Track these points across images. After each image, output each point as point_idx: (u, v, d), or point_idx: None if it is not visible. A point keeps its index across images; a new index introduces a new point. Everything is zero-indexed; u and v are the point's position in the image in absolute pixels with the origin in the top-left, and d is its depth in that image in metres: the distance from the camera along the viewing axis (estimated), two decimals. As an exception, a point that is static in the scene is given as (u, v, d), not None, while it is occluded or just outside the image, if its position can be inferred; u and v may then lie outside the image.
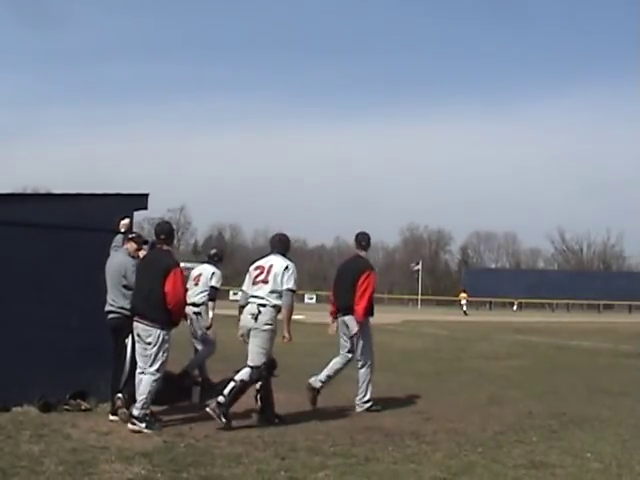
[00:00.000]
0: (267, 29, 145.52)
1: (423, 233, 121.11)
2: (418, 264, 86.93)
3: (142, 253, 9.72)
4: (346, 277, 10.72)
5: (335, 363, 10.68)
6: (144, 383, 8.70)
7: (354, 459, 7.31)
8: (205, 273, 12.28)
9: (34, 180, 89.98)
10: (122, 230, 9.78)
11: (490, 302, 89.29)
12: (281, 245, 9.69)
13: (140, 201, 10.61)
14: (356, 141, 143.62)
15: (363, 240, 11.03)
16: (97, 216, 10.00)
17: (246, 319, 9.18)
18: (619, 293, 77.75)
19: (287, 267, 9.28)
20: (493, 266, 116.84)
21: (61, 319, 9.50)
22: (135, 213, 10.40)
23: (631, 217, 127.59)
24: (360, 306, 10.37)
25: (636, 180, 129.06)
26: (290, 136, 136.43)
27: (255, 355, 9.12)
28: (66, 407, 9.43)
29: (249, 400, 9.32)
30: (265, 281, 9.23)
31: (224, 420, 8.76)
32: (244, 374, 9.06)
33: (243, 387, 9.07)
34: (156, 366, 8.74)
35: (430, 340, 25.36)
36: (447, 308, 73.01)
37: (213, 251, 12.76)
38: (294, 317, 9.45)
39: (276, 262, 9.36)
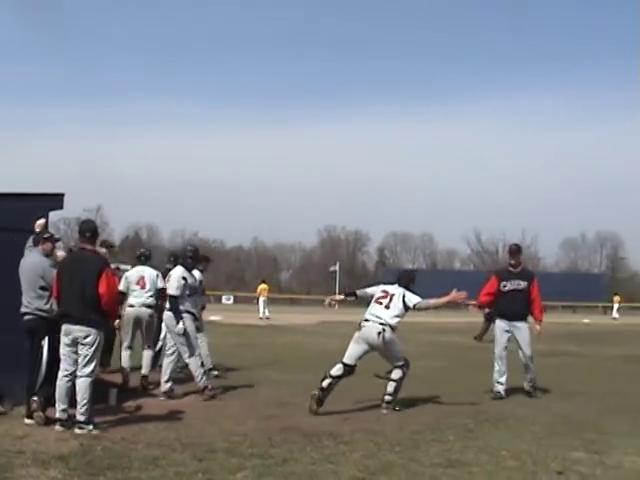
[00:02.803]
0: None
1: (340, 234, 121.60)
2: (336, 265, 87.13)
3: (60, 254, 9.62)
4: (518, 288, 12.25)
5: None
6: (83, 387, 8.62)
7: (272, 460, 7.32)
8: (148, 275, 12.46)
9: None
10: (37, 230, 9.63)
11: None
12: (406, 281, 11.19)
13: (56, 201, 10.48)
14: (274, 141, 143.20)
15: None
16: (12, 216, 9.83)
17: (371, 336, 10.74)
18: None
19: (404, 294, 10.87)
20: (410, 267, 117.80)
21: (-25, 321, 9.35)
22: (51, 213, 10.25)
23: (546, 218, 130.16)
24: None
25: (550, 181, 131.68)
26: (204, 136, 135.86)
27: (397, 357, 10.81)
28: (-20, 411, 9.27)
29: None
30: (387, 307, 10.80)
31: (390, 408, 10.58)
32: (398, 373, 10.73)
33: (401, 383, 10.77)
34: (91, 367, 8.69)
35: (347, 341, 25.34)
36: (364, 309, 73.22)
37: (141, 250, 13.09)
38: (212, 318, 9.49)
39: (397, 292, 10.90)
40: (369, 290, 11.39)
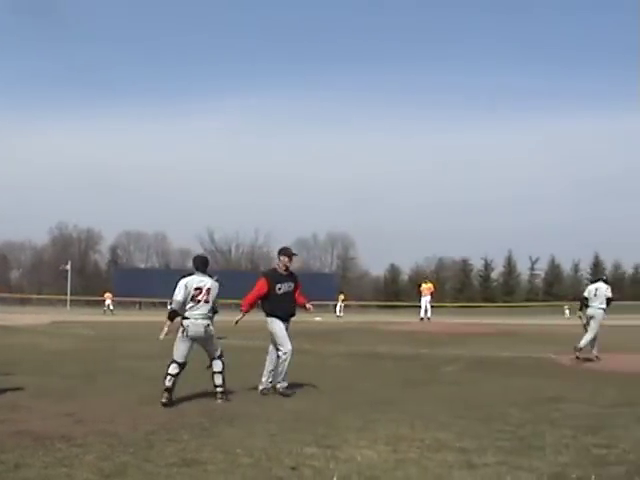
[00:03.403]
0: None
1: (72, 232, 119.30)
2: (67, 264, 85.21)
3: None
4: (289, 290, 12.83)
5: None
6: None
7: (3, 466, 7.03)
8: None
9: None
10: None
11: (140, 302, 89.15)
12: (206, 266, 12.12)
13: None
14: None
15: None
16: None
17: (199, 331, 11.56)
18: (265, 292, 79.63)
19: (217, 287, 11.97)
20: (143, 266, 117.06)
21: None
22: None
23: (278, 218, 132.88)
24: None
25: (283, 181, 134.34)
26: None
27: (216, 349, 11.82)
28: None
29: None
30: (207, 301, 11.66)
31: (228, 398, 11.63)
32: (220, 365, 11.77)
33: (225, 371, 11.76)
34: None
35: (80, 341, 24.98)
36: (97, 308, 72.08)
37: None
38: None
39: (210, 285, 11.80)
40: (180, 297, 11.58)
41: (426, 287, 41.76)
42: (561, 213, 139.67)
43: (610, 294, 19.00)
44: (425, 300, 41.02)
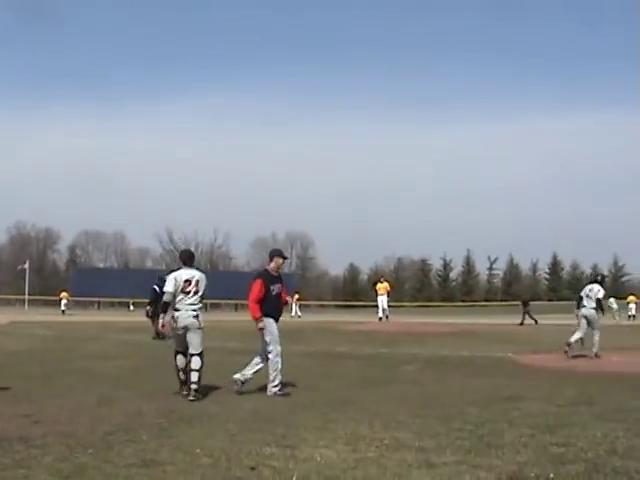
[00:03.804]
0: None
1: (31, 231, 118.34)
2: (25, 263, 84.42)
3: None
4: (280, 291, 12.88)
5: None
6: None
7: (-41, 468, 6.98)
8: None
9: None
10: None
11: (98, 302, 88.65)
12: (192, 260, 12.74)
13: None
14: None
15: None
16: None
17: (189, 321, 12.09)
18: (225, 292, 79.19)
19: (205, 283, 12.41)
20: (101, 265, 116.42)
21: None
22: None
23: (237, 217, 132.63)
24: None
25: (242, 180, 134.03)
26: None
27: (198, 345, 12.09)
28: None
29: None
30: (196, 292, 12.23)
31: (200, 396, 11.75)
32: (198, 362, 11.98)
33: (202, 370, 11.97)
34: None
35: (38, 341, 24.77)
36: (55, 308, 71.48)
37: None
38: None
39: (199, 276, 12.39)
40: (170, 288, 12.16)
41: (382, 286, 41.69)
42: (520, 212, 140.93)
43: (600, 296, 19.24)
44: (381, 299, 40.95)
